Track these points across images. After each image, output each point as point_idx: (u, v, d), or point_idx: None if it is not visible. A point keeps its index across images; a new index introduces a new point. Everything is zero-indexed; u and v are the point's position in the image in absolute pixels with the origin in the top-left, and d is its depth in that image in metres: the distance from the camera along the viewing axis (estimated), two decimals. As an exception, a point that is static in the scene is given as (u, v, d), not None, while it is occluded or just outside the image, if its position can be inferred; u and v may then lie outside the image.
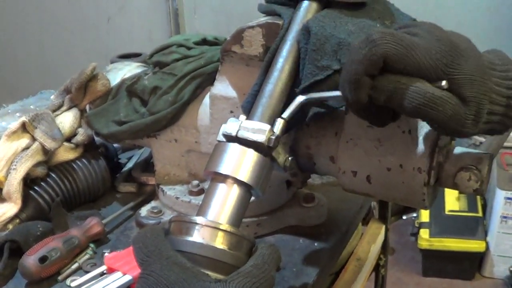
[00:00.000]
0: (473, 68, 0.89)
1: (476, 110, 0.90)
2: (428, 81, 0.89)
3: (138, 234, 0.92)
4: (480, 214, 3.76)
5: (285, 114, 1.05)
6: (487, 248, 3.64)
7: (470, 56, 0.90)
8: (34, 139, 1.45)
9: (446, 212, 3.76)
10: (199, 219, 0.91)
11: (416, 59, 0.88)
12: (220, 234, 0.91)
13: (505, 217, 3.58)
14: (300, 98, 1.07)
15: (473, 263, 3.73)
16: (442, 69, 0.88)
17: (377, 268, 1.98)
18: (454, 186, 1.12)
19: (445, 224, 3.70)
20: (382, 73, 0.90)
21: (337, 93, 1.00)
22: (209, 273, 0.87)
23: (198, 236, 0.90)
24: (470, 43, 0.94)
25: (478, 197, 3.80)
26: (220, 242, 0.90)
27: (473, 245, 3.61)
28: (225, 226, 0.92)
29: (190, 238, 0.90)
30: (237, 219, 0.97)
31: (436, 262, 3.74)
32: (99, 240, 1.40)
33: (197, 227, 0.91)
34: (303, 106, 1.12)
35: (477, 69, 0.89)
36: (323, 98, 1.08)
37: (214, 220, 0.94)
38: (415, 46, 0.88)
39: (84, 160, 1.55)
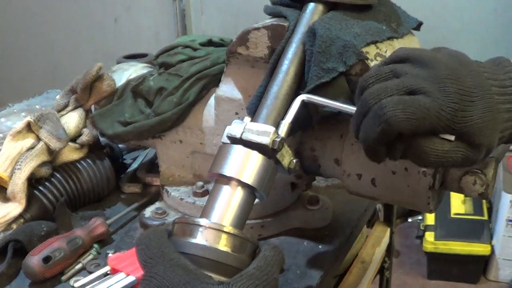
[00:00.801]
0: (483, 113, 0.89)
1: (486, 150, 0.91)
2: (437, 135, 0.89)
3: (141, 236, 0.92)
4: (485, 217, 3.75)
5: (288, 117, 1.05)
6: (493, 251, 3.63)
7: (480, 98, 0.89)
8: (39, 139, 1.45)
9: (452, 215, 3.75)
10: (202, 221, 0.91)
11: (428, 125, 0.87)
12: (224, 236, 0.90)
13: (510, 220, 3.56)
14: (300, 97, 1.07)
15: (478, 267, 3.71)
16: (452, 126, 0.88)
17: (381, 270, 1.98)
18: (459, 190, 1.11)
19: (450, 227, 3.69)
20: (396, 138, 0.91)
21: (344, 106, 1.01)
22: (212, 275, 0.87)
23: (201, 238, 0.90)
24: (479, 74, 0.92)
25: (484, 200, 3.78)
26: (223, 244, 0.90)
27: (479, 248, 3.60)
28: (228, 228, 0.92)
29: (193, 240, 0.90)
30: (241, 221, 0.97)
31: (441, 265, 3.72)
32: (103, 241, 1.40)
33: (200, 229, 0.90)
34: (307, 107, 1.12)
35: (487, 113, 0.89)
36: (323, 104, 1.07)
37: (218, 222, 0.94)
38: (427, 114, 0.87)
39: (89, 161, 1.55)
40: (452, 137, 0.88)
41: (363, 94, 0.93)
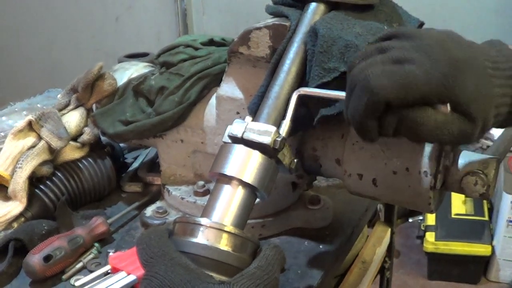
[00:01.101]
0: (476, 83, 0.88)
1: (483, 124, 0.90)
2: (431, 106, 0.89)
3: (142, 236, 0.92)
4: (486, 218, 3.75)
5: (288, 114, 1.05)
6: (493, 252, 3.63)
7: (471, 68, 0.89)
8: (40, 137, 1.45)
9: (452, 216, 3.75)
10: (203, 221, 0.91)
11: (417, 92, 0.87)
12: (225, 235, 0.90)
13: (511, 221, 3.56)
14: (296, 93, 1.07)
15: (478, 267, 3.71)
16: (444, 94, 0.87)
17: (382, 271, 1.98)
18: (460, 191, 1.11)
19: (451, 228, 3.68)
20: (386, 110, 0.90)
21: (335, 93, 1.02)
22: (213, 274, 0.87)
23: (202, 237, 0.90)
24: (470, 47, 0.92)
25: (485, 201, 3.78)
26: (224, 244, 0.90)
27: (479, 249, 3.60)
28: (229, 227, 0.92)
29: (194, 240, 0.90)
30: (241, 221, 0.97)
31: (442, 266, 3.72)
32: (104, 240, 1.40)
33: (201, 228, 0.90)
34: (307, 107, 1.12)
35: (480, 83, 0.89)
36: (318, 96, 1.08)
37: (219, 221, 0.94)
38: (414, 79, 0.87)
39: (90, 160, 1.55)
40: (447, 109, 0.88)
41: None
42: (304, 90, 1.07)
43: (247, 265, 0.89)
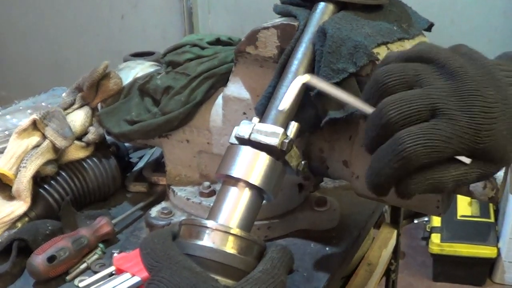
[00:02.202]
0: (506, 128, 0.83)
1: (506, 164, 0.87)
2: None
3: (145, 240, 0.91)
4: (492, 219, 3.74)
5: (285, 101, 0.99)
6: (499, 254, 3.62)
7: (502, 111, 0.83)
8: (44, 137, 1.44)
9: (458, 217, 3.74)
10: (209, 223, 0.90)
11: (449, 152, 0.82)
12: (231, 238, 0.89)
13: (517, 223, 3.57)
14: (300, 79, 0.98)
15: (484, 269, 3.70)
16: (475, 151, 0.82)
17: (388, 272, 1.97)
18: (468, 194, 1.10)
19: (456, 229, 3.68)
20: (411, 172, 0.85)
21: (353, 101, 0.95)
22: (219, 277, 0.86)
23: (208, 240, 0.89)
24: (501, 82, 0.86)
25: (490, 203, 3.78)
26: (230, 247, 0.89)
27: (485, 251, 3.59)
28: (235, 230, 0.90)
29: (200, 242, 0.89)
30: (248, 223, 0.96)
31: (447, 267, 3.72)
32: (109, 240, 1.40)
33: (207, 231, 0.89)
34: (315, 108, 1.11)
35: (508, 129, 0.83)
36: (327, 92, 0.98)
37: (225, 224, 0.93)
38: (448, 141, 0.81)
39: (94, 159, 1.54)
40: (468, 160, 0.83)
41: (382, 99, 0.85)
42: (311, 80, 0.98)
43: (253, 268, 0.88)
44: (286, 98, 0.97)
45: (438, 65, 0.86)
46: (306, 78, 0.97)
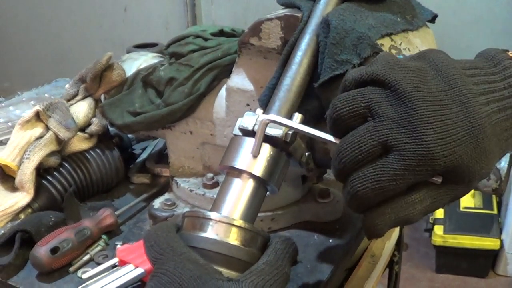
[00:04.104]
0: (472, 148, 0.80)
1: (477, 183, 0.86)
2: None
3: (149, 233, 0.90)
4: (495, 211, 3.74)
5: (258, 140, 0.97)
6: (502, 246, 3.62)
7: (467, 131, 0.80)
8: (48, 128, 1.44)
9: (461, 209, 3.74)
10: (213, 215, 0.90)
11: (401, 187, 0.81)
12: (234, 230, 0.89)
13: (520, 214, 3.57)
14: (262, 121, 0.96)
15: (487, 261, 3.70)
16: (435, 173, 0.81)
17: (391, 264, 1.97)
18: (473, 185, 1.10)
19: (459, 221, 3.68)
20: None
21: (315, 134, 0.93)
22: (223, 269, 0.86)
23: (211, 232, 0.89)
24: (470, 96, 0.82)
25: (493, 195, 3.77)
26: (234, 239, 0.89)
27: (488, 243, 3.59)
28: (239, 222, 0.90)
29: (203, 234, 0.89)
30: (251, 215, 0.96)
31: (450, 259, 3.72)
32: (112, 232, 1.40)
33: (211, 223, 0.89)
34: (319, 99, 1.11)
35: (477, 146, 0.81)
36: (287, 125, 0.97)
37: (229, 215, 0.93)
38: (401, 176, 0.80)
39: (98, 150, 1.54)
40: (440, 179, 0.82)
41: (339, 131, 0.87)
42: (274, 117, 0.96)
43: (256, 260, 0.88)
44: (256, 144, 0.96)
45: (391, 89, 0.83)
46: (270, 117, 0.95)
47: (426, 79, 0.82)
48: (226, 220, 0.90)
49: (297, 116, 1.02)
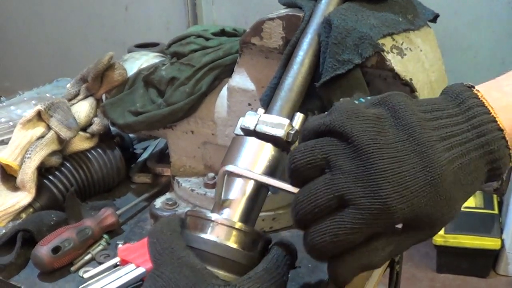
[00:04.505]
0: (428, 200, 0.80)
1: (439, 229, 0.85)
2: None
3: (155, 227, 0.90)
4: (496, 211, 3.74)
5: (219, 194, 0.96)
6: (503, 245, 3.62)
7: (423, 183, 0.79)
8: (49, 127, 1.44)
9: (462, 209, 3.72)
10: (214, 216, 0.90)
11: (358, 239, 0.81)
12: (234, 233, 0.89)
13: (521, 214, 3.56)
14: (222, 172, 0.95)
15: (488, 261, 3.70)
16: (394, 224, 0.81)
17: (392, 264, 1.97)
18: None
19: (460, 221, 3.67)
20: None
21: (267, 180, 0.94)
22: (221, 272, 0.86)
23: (212, 234, 0.89)
24: (428, 148, 0.80)
25: (494, 195, 3.77)
26: (233, 241, 0.89)
27: (488, 243, 3.59)
28: (239, 225, 0.90)
29: (204, 236, 0.89)
30: (253, 216, 0.96)
31: (451, 259, 3.71)
32: (113, 231, 1.40)
33: (212, 224, 0.90)
34: (321, 98, 1.11)
35: (435, 197, 0.80)
36: (247, 177, 0.96)
37: (230, 216, 0.93)
38: (358, 229, 0.80)
39: (99, 150, 1.54)
40: (400, 225, 0.81)
41: (298, 182, 0.87)
42: (232, 168, 0.95)
43: (256, 263, 0.88)
44: (225, 193, 0.95)
45: (348, 141, 0.82)
46: (228, 168, 0.95)
47: (384, 128, 0.82)
48: (227, 223, 0.90)
49: (299, 116, 1.02)
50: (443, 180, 0.79)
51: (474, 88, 0.87)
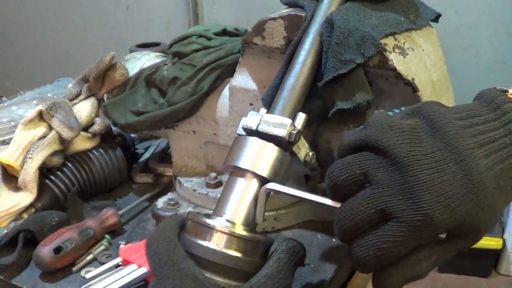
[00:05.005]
0: (470, 209, 0.79)
1: (480, 237, 0.84)
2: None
3: (150, 239, 0.90)
4: (497, 211, 3.73)
5: (259, 211, 0.97)
6: (504, 245, 3.61)
7: (464, 191, 0.79)
8: (50, 128, 1.44)
9: (463, 209, 3.73)
10: (214, 223, 0.90)
11: (402, 252, 0.81)
12: (235, 241, 0.89)
13: (523, 214, 3.56)
14: (263, 191, 0.96)
15: (489, 260, 3.69)
16: (436, 236, 0.81)
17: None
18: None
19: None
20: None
21: (307, 196, 0.95)
22: (223, 280, 0.87)
23: (212, 241, 0.89)
24: (466, 156, 0.80)
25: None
26: (234, 249, 0.89)
27: (490, 242, 3.58)
28: (240, 231, 0.90)
29: (204, 243, 0.89)
30: (255, 217, 0.96)
31: (452, 258, 3.68)
32: (115, 231, 1.40)
33: (212, 232, 0.89)
34: (323, 99, 1.11)
35: (476, 206, 0.79)
36: (289, 194, 0.96)
37: (231, 219, 0.93)
38: (401, 243, 0.80)
39: (100, 150, 1.54)
40: (443, 235, 0.82)
41: (338, 196, 0.87)
42: (273, 186, 0.96)
43: (258, 268, 0.88)
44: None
45: (386, 155, 0.82)
46: (271, 186, 0.95)
47: (420, 139, 0.81)
48: (227, 231, 0.90)
49: (301, 116, 1.02)
50: (484, 187, 0.79)
51: (508, 92, 0.87)
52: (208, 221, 0.90)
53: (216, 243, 0.89)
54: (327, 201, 0.90)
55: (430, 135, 0.82)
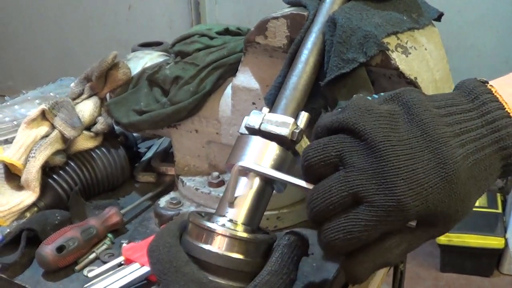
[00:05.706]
0: (443, 197, 0.79)
1: (452, 226, 0.84)
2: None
3: (151, 247, 0.90)
4: (499, 210, 3.72)
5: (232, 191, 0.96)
6: (506, 245, 3.61)
7: (437, 180, 0.78)
8: (53, 127, 1.44)
9: (466, 208, 3.73)
10: (215, 226, 0.90)
11: (373, 236, 0.81)
12: (237, 243, 0.89)
13: (525, 213, 3.55)
14: (235, 168, 0.96)
15: (491, 260, 3.69)
16: (407, 222, 0.81)
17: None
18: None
19: (464, 220, 3.62)
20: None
21: (281, 176, 0.94)
22: (226, 282, 0.87)
23: (214, 244, 0.89)
24: (442, 144, 0.80)
25: (498, 194, 3.76)
26: (236, 251, 0.89)
27: (492, 242, 3.58)
28: (241, 233, 0.90)
29: (206, 246, 0.89)
30: (257, 216, 0.96)
31: (454, 258, 3.71)
32: (117, 230, 1.40)
33: (213, 235, 0.89)
34: (325, 97, 1.11)
35: (450, 194, 0.79)
36: (261, 173, 0.96)
37: (234, 218, 0.93)
38: (372, 227, 0.80)
39: (103, 149, 1.54)
40: (414, 222, 0.82)
41: (311, 177, 0.86)
42: (246, 164, 0.96)
43: (261, 267, 0.88)
44: (231, 192, 0.95)
45: (362, 138, 0.81)
46: (241, 163, 0.95)
47: (397, 125, 0.81)
48: (228, 234, 0.90)
49: (304, 115, 1.02)
50: (458, 177, 0.79)
51: (487, 83, 0.86)
52: (209, 224, 0.90)
53: (218, 246, 0.89)
54: (301, 183, 0.89)
55: (407, 121, 0.82)
